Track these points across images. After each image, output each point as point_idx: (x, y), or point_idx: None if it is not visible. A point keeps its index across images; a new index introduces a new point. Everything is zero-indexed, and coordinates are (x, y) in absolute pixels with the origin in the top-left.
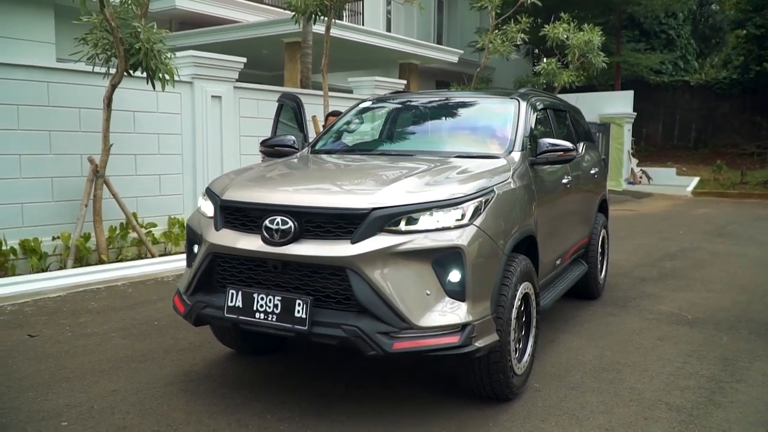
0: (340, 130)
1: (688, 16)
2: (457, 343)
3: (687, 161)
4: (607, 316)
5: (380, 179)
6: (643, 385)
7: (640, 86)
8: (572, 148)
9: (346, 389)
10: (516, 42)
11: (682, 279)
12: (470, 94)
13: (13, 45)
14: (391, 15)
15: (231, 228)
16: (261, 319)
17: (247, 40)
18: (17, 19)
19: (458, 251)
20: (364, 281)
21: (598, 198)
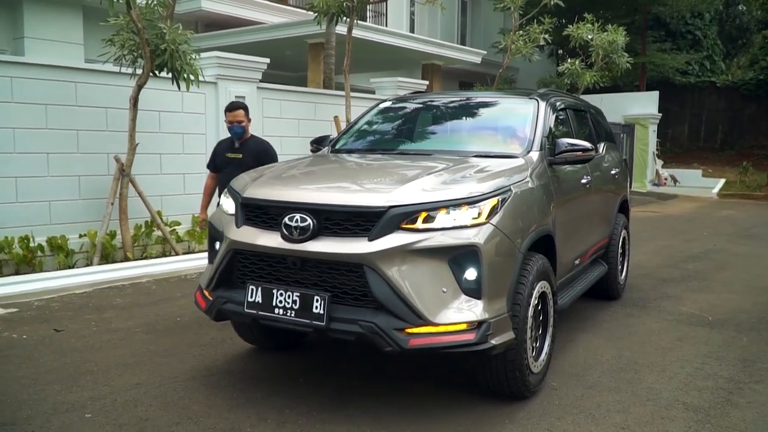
0: (360, 129)
1: (715, 16)
2: (473, 341)
3: (713, 163)
4: (626, 317)
5: (398, 178)
6: (661, 385)
7: (665, 87)
8: (591, 148)
9: (363, 385)
10: (539, 43)
11: (704, 280)
12: (489, 94)
13: (42, 46)
14: (414, 16)
15: (251, 225)
16: (280, 315)
17: (271, 41)
18: (46, 21)
19: (474, 249)
20: (381, 278)
21: (619, 199)
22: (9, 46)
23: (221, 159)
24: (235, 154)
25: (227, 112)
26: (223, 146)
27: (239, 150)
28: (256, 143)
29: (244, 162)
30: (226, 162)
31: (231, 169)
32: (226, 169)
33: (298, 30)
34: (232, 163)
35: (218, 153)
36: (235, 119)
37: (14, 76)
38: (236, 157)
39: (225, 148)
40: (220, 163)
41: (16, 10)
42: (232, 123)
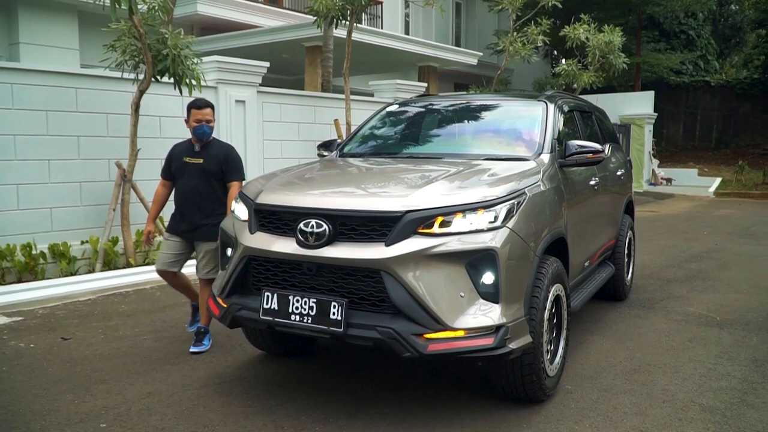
0: (367, 133)
1: (708, 16)
2: (492, 345)
3: (708, 162)
4: (635, 318)
5: (413, 182)
6: (675, 387)
7: (660, 87)
8: (601, 149)
9: (377, 390)
10: (537, 44)
11: (708, 280)
12: (496, 96)
13: (38, 51)
14: (409, 18)
15: (265, 231)
16: (296, 321)
17: (268, 44)
18: (42, 26)
19: (492, 253)
20: (398, 283)
21: (625, 199)
22: (4, 51)
23: (178, 164)
24: (194, 159)
25: (194, 109)
26: (179, 150)
27: (199, 154)
28: (219, 147)
29: (206, 168)
30: (183, 168)
31: (190, 176)
32: (184, 177)
33: (295, 33)
34: (191, 170)
35: (175, 158)
36: (204, 118)
37: (15, 83)
38: (196, 163)
39: (182, 152)
40: (177, 169)
41: (11, 15)
42: (200, 122)
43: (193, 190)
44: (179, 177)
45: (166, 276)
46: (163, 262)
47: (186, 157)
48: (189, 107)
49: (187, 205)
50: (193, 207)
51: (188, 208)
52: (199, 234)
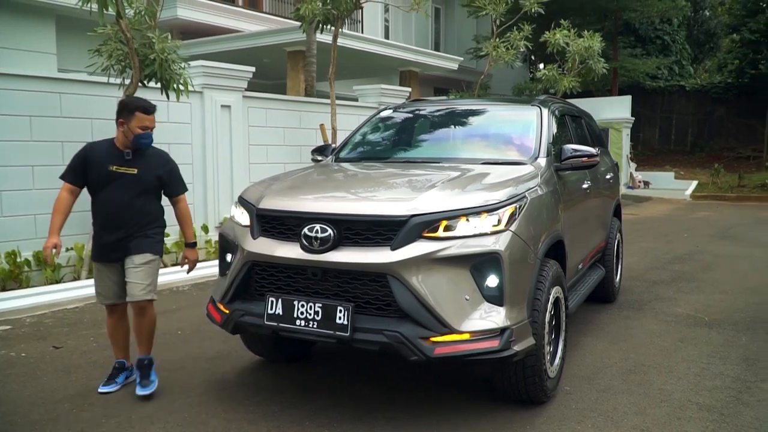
0: (362, 138)
1: (683, 21)
2: (497, 348)
3: (684, 165)
4: (625, 319)
5: (415, 186)
6: (672, 386)
7: (636, 91)
8: (596, 153)
9: (379, 394)
10: (520, 49)
11: (693, 281)
12: (490, 101)
13: (14, 56)
14: (389, 23)
15: (268, 236)
16: (302, 326)
17: (249, 49)
18: (18, 30)
19: (496, 257)
20: (405, 287)
21: (614, 202)
22: None
23: (101, 172)
24: (127, 168)
25: (140, 113)
26: (102, 154)
27: (133, 163)
28: (157, 155)
29: (143, 179)
30: (110, 177)
31: (120, 188)
32: (110, 188)
33: (278, 38)
34: (121, 181)
35: (95, 163)
36: (151, 125)
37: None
38: (129, 173)
39: (107, 158)
40: (101, 178)
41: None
42: (146, 129)
43: (124, 205)
44: (101, 188)
45: (114, 311)
46: (109, 294)
47: (113, 165)
48: (133, 109)
49: (115, 223)
50: (122, 224)
51: (116, 226)
52: (132, 244)
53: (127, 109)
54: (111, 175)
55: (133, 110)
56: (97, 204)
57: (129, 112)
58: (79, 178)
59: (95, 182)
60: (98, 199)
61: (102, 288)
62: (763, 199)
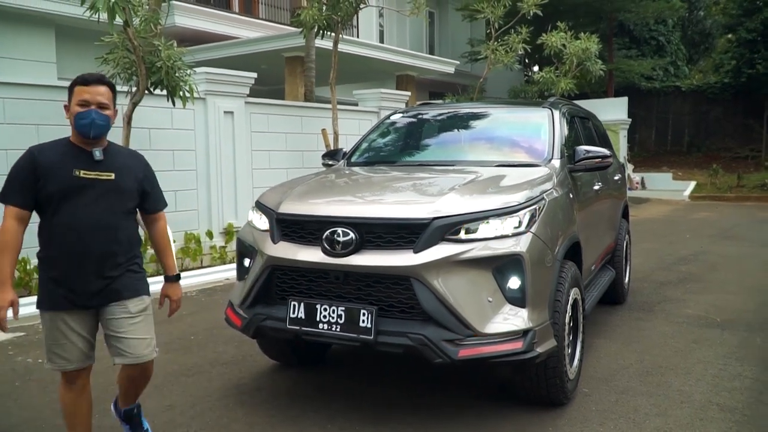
0: (373, 142)
1: (678, 22)
2: (521, 349)
3: (681, 166)
4: (636, 321)
5: (435, 189)
6: (691, 388)
7: (632, 93)
8: (609, 154)
9: (398, 397)
10: (519, 52)
11: (700, 282)
12: (499, 104)
13: (14, 65)
14: (383, 27)
15: (289, 241)
16: (324, 330)
17: (247, 55)
18: (18, 39)
19: (518, 258)
20: (428, 290)
21: (622, 203)
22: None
23: (62, 181)
24: (99, 172)
25: (78, 85)
26: (59, 157)
27: (106, 165)
28: (132, 156)
29: (123, 187)
30: (75, 187)
31: (92, 200)
32: (78, 200)
33: (275, 44)
34: (92, 190)
35: (50, 169)
36: (94, 100)
37: (5, 97)
38: (103, 179)
39: (68, 161)
40: (62, 189)
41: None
42: (87, 107)
43: (102, 225)
44: (62, 204)
45: (77, 378)
46: (74, 356)
47: (79, 169)
48: (72, 85)
49: (89, 253)
50: (101, 255)
51: (91, 258)
52: (120, 284)
53: (69, 90)
54: (77, 183)
55: (72, 87)
56: (56, 226)
57: (69, 90)
58: (29, 195)
59: (53, 196)
60: (58, 220)
61: (62, 348)
62: (763, 199)
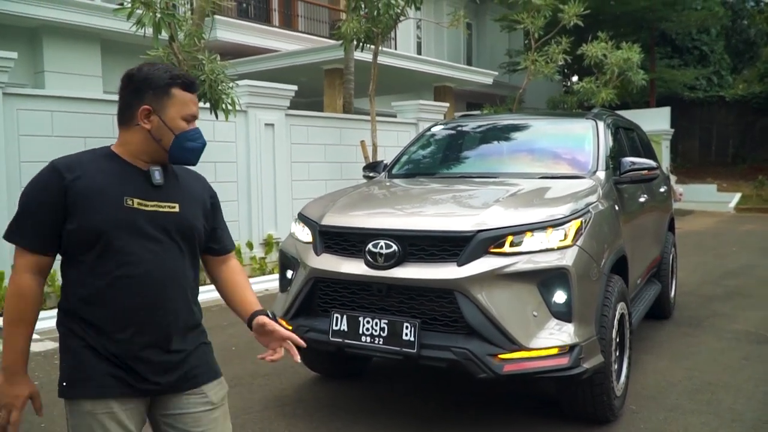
0: (414, 155)
1: (721, 31)
2: (567, 365)
3: (726, 177)
4: (684, 336)
5: (479, 202)
6: (742, 406)
7: (674, 102)
8: (655, 166)
9: (441, 411)
10: (559, 62)
11: (750, 297)
12: (542, 115)
13: (62, 79)
14: (421, 39)
15: (332, 253)
16: (367, 343)
17: (287, 68)
18: (66, 54)
19: (564, 272)
20: (472, 303)
21: (668, 216)
22: (30, 80)
23: (109, 213)
24: (158, 203)
25: (178, 89)
26: (98, 177)
27: (166, 193)
28: (197, 180)
29: (191, 223)
30: (129, 221)
31: (154, 240)
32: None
33: (315, 56)
34: (152, 226)
35: (89, 197)
36: (197, 114)
37: (54, 110)
38: (164, 210)
39: (115, 185)
40: (111, 225)
41: (36, 45)
42: (190, 121)
43: (168, 272)
44: (114, 243)
45: None
46: None
47: (133, 198)
48: (165, 84)
49: (156, 312)
50: (172, 318)
51: (160, 318)
52: (196, 360)
53: (151, 86)
54: (131, 217)
55: (165, 87)
56: (103, 277)
57: (157, 90)
58: (52, 234)
59: (94, 235)
60: (106, 268)
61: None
62: None
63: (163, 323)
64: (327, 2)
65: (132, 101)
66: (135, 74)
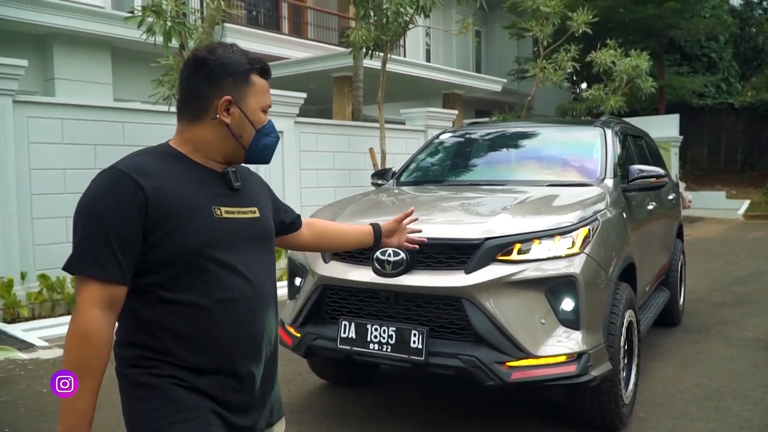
0: (422, 162)
1: (729, 38)
2: (575, 373)
3: (735, 184)
4: (693, 343)
5: (486, 209)
6: (749, 413)
7: (683, 109)
8: (663, 174)
9: (449, 418)
10: (568, 70)
11: (758, 304)
12: (549, 123)
13: (73, 86)
14: (430, 46)
15: (340, 260)
16: (375, 350)
17: (296, 75)
18: (76, 62)
19: (572, 279)
20: (480, 311)
21: (676, 223)
22: (40, 87)
23: (201, 225)
24: (241, 209)
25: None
26: (180, 184)
27: (243, 196)
28: (255, 175)
29: (267, 227)
30: (221, 234)
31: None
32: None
33: (324, 64)
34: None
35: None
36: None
37: (64, 118)
38: (248, 217)
39: (198, 192)
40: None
41: (46, 52)
42: (266, 110)
43: (262, 291)
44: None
45: None
46: None
47: (220, 207)
48: (244, 71)
49: (254, 340)
50: (265, 336)
51: (256, 345)
52: (277, 401)
53: (230, 72)
54: (223, 229)
55: (246, 73)
56: (193, 304)
57: (237, 76)
58: (131, 257)
59: (191, 252)
60: (199, 293)
61: None
62: None
63: (260, 348)
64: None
65: (205, 90)
66: (207, 57)
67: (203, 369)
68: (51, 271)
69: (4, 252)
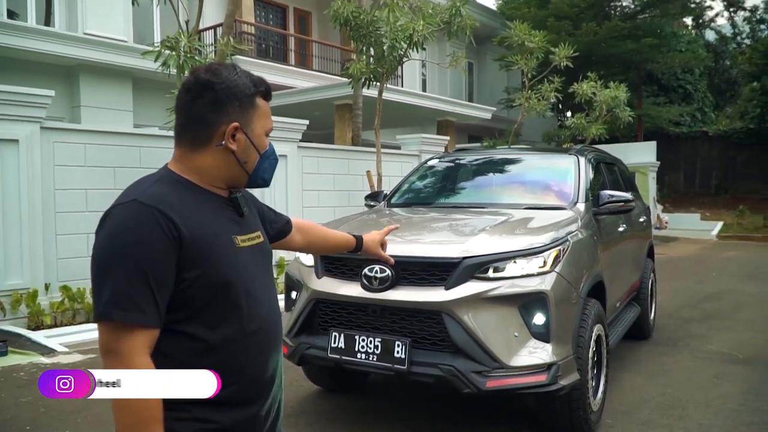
0: (412, 185)
1: (704, 71)
2: (545, 382)
3: (709, 207)
4: (661, 356)
5: (466, 230)
6: (710, 421)
7: (660, 137)
8: (631, 199)
9: (437, 425)
10: (551, 100)
11: (725, 320)
12: (530, 151)
13: (97, 113)
14: (425, 76)
15: (331, 276)
16: (362, 359)
17: (301, 103)
18: (100, 90)
19: (543, 296)
20: (458, 324)
21: (647, 244)
22: (67, 113)
23: (228, 258)
24: (250, 235)
25: (261, 99)
26: (202, 215)
27: (248, 221)
28: (250, 198)
29: (269, 249)
30: (241, 264)
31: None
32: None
33: (327, 93)
34: (254, 263)
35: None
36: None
37: (87, 143)
38: (255, 242)
39: (217, 223)
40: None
41: (73, 81)
42: (268, 134)
43: (276, 316)
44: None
45: None
46: None
47: (236, 235)
48: (251, 94)
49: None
50: (277, 362)
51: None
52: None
53: (237, 97)
54: (243, 257)
55: (251, 97)
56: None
57: (243, 101)
58: (166, 298)
59: (224, 286)
60: (230, 327)
61: None
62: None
63: (275, 375)
64: (339, 43)
65: (210, 116)
66: (213, 81)
67: (231, 401)
68: (72, 282)
69: (30, 265)
